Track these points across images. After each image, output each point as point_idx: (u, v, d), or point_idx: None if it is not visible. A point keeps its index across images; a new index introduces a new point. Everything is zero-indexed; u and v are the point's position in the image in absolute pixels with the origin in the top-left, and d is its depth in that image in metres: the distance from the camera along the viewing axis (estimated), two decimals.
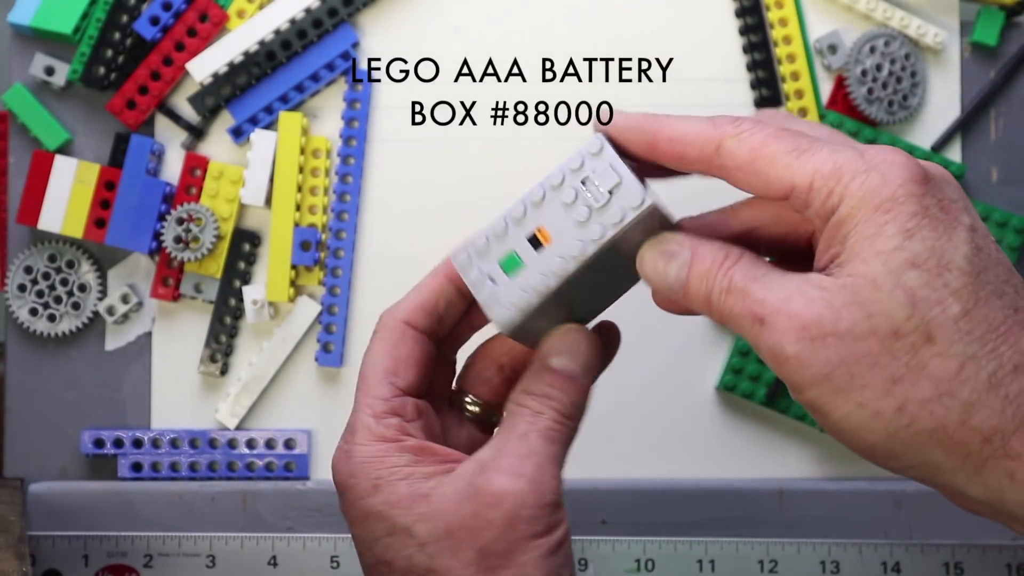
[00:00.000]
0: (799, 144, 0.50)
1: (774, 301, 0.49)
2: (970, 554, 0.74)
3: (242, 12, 0.76)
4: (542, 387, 0.54)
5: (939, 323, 0.47)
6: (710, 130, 0.52)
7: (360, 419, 0.55)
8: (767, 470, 0.77)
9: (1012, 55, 0.78)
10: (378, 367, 0.56)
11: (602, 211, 0.53)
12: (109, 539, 0.74)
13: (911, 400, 0.47)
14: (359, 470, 0.53)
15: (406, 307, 0.57)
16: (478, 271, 0.54)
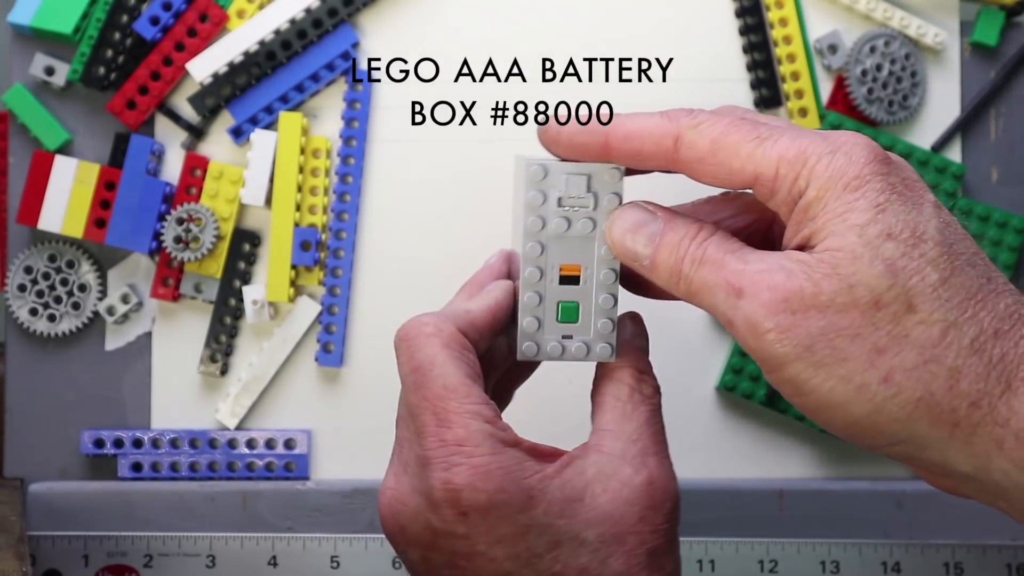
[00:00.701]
0: (760, 131, 0.50)
1: (752, 272, 0.49)
2: (970, 554, 0.73)
3: (242, 12, 0.76)
4: (644, 364, 0.56)
5: (919, 291, 0.47)
6: (666, 124, 0.52)
7: (475, 429, 0.50)
8: (767, 470, 0.77)
9: (1012, 55, 0.78)
10: (459, 372, 0.52)
11: (598, 209, 0.54)
12: (109, 539, 0.74)
13: (897, 369, 0.47)
14: (508, 482, 0.50)
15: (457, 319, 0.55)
16: (553, 345, 0.55)
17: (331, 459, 0.77)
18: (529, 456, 0.51)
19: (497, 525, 0.50)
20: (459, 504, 0.50)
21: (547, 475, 0.51)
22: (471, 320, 0.55)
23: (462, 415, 0.51)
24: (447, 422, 0.51)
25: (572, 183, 0.54)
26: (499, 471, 0.50)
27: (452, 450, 0.50)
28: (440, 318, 0.54)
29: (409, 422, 0.53)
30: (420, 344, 0.53)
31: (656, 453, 0.53)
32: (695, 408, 0.76)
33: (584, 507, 0.51)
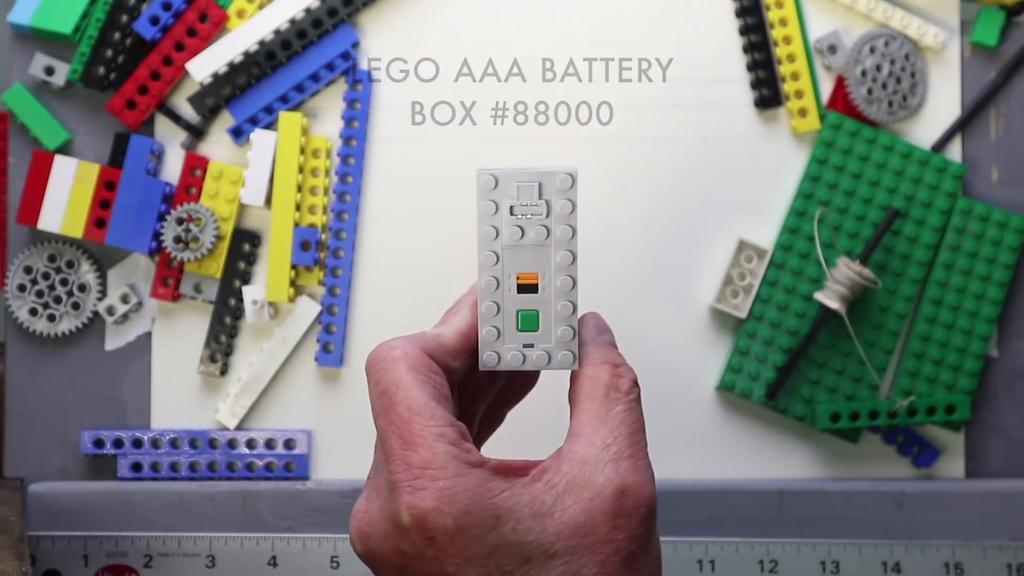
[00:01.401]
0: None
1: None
2: (970, 554, 0.74)
3: (242, 12, 0.76)
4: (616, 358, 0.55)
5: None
6: None
7: (441, 451, 0.51)
8: (767, 470, 0.77)
9: (1012, 55, 0.78)
10: (424, 395, 0.52)
11: (550, 215, 0.54)
12: (109, 539, 0.74)
13: None
14: (474, 504, 0.50)
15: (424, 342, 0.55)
16: (514, 354, 0.55)
17: (331, 459, 0.77)
18: (496, 475, 0.51)
19: (465, 547, 0.50)
20: (426, 528, 0.50)
21: (515, 492, 0.51)
22: (440, 343, 0.55)
23: (426, 437, 0.51)
24: (412, 445, 0.51)
25: (523, 191, 0.54)
26: (464, 493, 0.50)
27: (417, 473, 0.50)
28: (407, 342, 0.54)
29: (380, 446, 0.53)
30: (387, 368, 0.53)
31: (631, 456, 0.52)
32: (695, 408, 0.76)
33: (554, 521, 0.50)
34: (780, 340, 0.76)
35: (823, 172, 0.76)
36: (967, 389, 0.76)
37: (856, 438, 0.76)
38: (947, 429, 0.77)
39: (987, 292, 0.76)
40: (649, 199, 0.76)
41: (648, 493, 0.52)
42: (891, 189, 0.76)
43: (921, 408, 0.75)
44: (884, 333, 0.76)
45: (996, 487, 0.76)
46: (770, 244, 0.76)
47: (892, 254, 0.76)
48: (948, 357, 0.76)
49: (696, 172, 0.77)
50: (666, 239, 0.76)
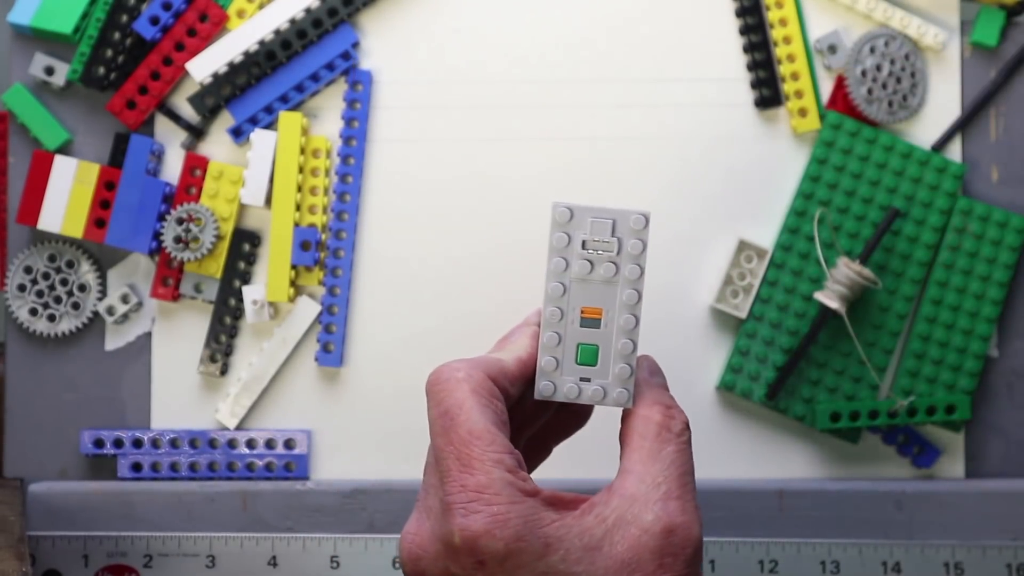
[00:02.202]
0: None
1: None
2: (970, 554, 0.74)
3: (242, 12, 0.76)
4: (669, 399, 0.56)
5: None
6: None
7: (497, 477, 0.51)
8: (767, 470, 0.77)
9: (1012, 55, 0.78)
10: (485, 419, 0.53)
11: (621, 253, 0.55)
12: (109, 539, 0.74)
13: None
14: (526, 531, 0.51)
15: (487, 366, 0.55)
16: (569, 386, 0.56)
17: (331, 459, 0.77)
18: (548, 506, 0.52)
19: (514, 572, 0.51)
20: (476, 551, 0.51)
21: (566, 523, 0.52)
22: (501, 368, 0.56)
23: (484, 462, 0.52)
24: (470, 468, 0.52)
25: (596, 227, 0.55)
26: (517, 519, 0.51)
27: (472, 496, 0.51)
28: (471, 365, 0.55)
29: (435, 467, 0.54)
30: (450, 389, 0.54)
31: (679, 496, 0.53)
32: (695, 408, 0.76)
33: (602, 555, 0.51)
34: (780, 340, 0.76)
35: (823, 172, 0.76)
36: (967, 389, 0.76)
37: (856, 438, 0.76)
38: (947, 429, 0.77)
39: (987, 292, 0.76)
40: (649, 199, 0.76)
41: (695, 534, 0.53)
42: (891, 189, 0.76)
43: (921, 408, 0.75)
44: (884, 333, 0.76)
45: (996, 487, 0.76)
46: (770, 244, 0.76)
47: (892, 254, 0.76)
48: (948, 357, 0.76)
49: (696, 172, 0.77)
50: (666, 239, 0.76)
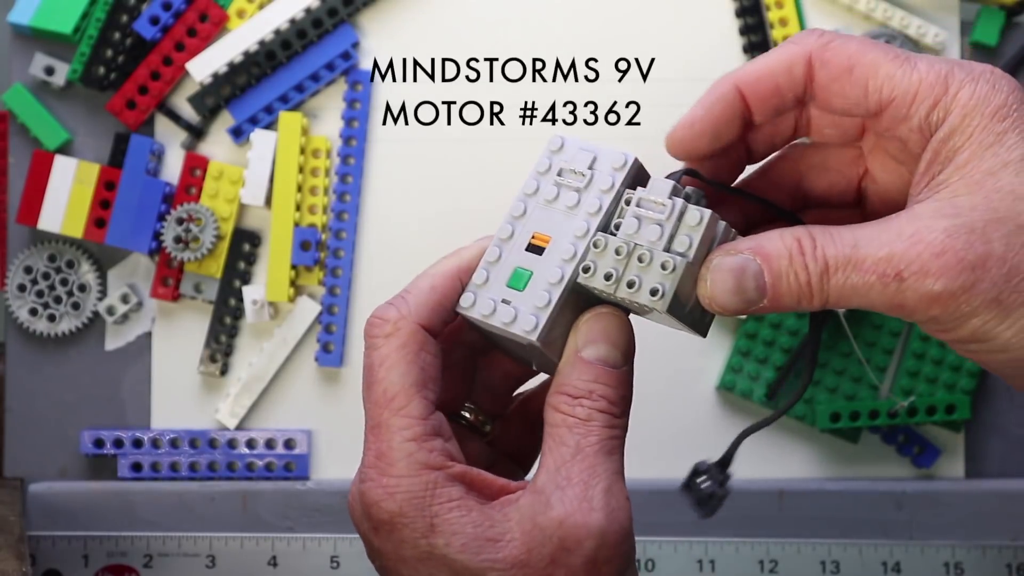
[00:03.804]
0: (898, 52, 0.48)
1: (902, 249, 0.45)
2: (970, 554, 0.74)
3: (242, 12, 0.76)
4: (584, 384, 0.48)
5: None
6: (794, 48, 0.49)
7: (396, 445, 0.48)
8: (767, 470, 0.77)
9: (1012, 55, 0.78)
10: (405, 380, 0.49)
11: (590, 186, 0.50)
12: (109, 539, 0.74)
13: None
14: (409, 507, 0.48)
15: (417, 310, 0.50)
16: (487, 301, 0.50)
17: (331, 459, 0.77)
18: (453, 483, 0.48)
19: (400, 546, 0.48)
20: (371, 517, 0.49)
21: (463, 507, 0.48)
22: (439, 299, 0.51)
23: (391, 428, 0.48)
24: (377, 432, 0.49)
25: (578, 157, 0.51)
26: (403, 494, 0.48)
27: (371, 462, 0.49)
28: (406, 308, 0.50)
29: None
30: (378, 343, 0.50)
31: (581, 483, 0.47)
32: (695, 408, 0.76)
33: (495, 548, 0.47)
34: (780, 340, 0.76)
35: None
36: (967, 389, 0.76)
37: (856, 438, 0.76)
38: (947, 429, 0.77)
39: None
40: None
41: (596, 524, 0.47)
42: None
43: (921, 408, 0.75)
44: (884, 333, 0.76)
45: (996, 487, 0.76)
46: None
47: None
48: (948, 357, 0.76)
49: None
50: None
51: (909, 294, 0.45)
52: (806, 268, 0.46)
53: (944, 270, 0.45)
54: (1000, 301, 0.45)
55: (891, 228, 0.46)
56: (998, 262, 0.45)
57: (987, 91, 0.46)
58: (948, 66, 0.47)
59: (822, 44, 0.48)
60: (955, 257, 0.45)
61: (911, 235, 0.45)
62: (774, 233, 0.47)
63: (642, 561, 0.74)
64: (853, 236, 0.46)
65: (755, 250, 0.47)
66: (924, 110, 0.47)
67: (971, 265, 0.45)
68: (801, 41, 0.49)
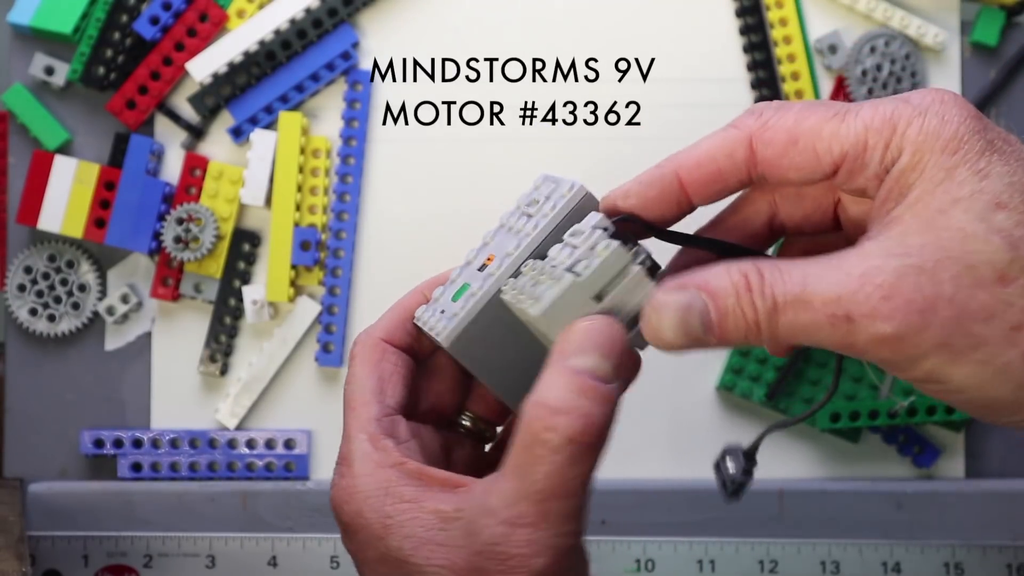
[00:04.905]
0: (836, 109, 0.47)
1: (851, 290, 0.44)
2: (970, 554, 0.74)
3: (242, 12, 0.76)
4: (563, 396, 0.45)
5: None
6: (734, 132, 0.48)
7: (355, 447, 0.49)
8: (767, 470, 0.77)
9: (1012, 55, 0.78)
10: (364, 388, 0.51)
11: (537, 212, 0.51)
12: (109, 539, 0.74)
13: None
14: (366, 507, 0.48)
15: (382, 325, 0.52)
16: (431, 313, 0.51)
17: (331, 459, 0.76)
18: (410, 481, 0.48)
19: (363, 546, 0.49)
20: (338, 520, 0.50)
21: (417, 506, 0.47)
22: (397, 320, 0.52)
23: (352, 429, 0.50)
24: (344, 435, 0.50)
25: (543, 188, 0.52)
26: (360, 495, 0.48)
27: (336, 466, 0.50)
28: (377, 325, 0.52)
29: None
30: (354, 352, 0.52)
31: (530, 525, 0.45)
32: (695, 408, 0.76)
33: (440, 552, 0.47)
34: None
35: None
36: None
37: (856, 438, 0.76)
38: (947, 429, 0.77)
39: None
40: None
41: (536, 569, 0.45)
42: None
43: (921, 408, 0.75)
44: None
45: (996, 487, 0.76)
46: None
47: None
48: None
49: None
50: None
51: (859, 336, 0.44)
52: (754, 306, 0.45)
53: (893, 313, 0.44)
54: (949, 345, 0.44)
55: (841, 267, 0.45)
56: (947, 305, 0.44)
57: (936, 124, 0.45)
58: (893, 105, 0.46)
59: (761, 124, 0.48)
60: (904, 300, 0.44)
61: (860, 275, 0.44)
62: (721, 268, 0.46)
63: (642, 561, 0.74)
64: (803, 274, 0.45)
65: (701, 286, 0.46)
66: (877, 156, 0.46)
67: (920, 308, 0.44)
68: (740, 124, 0.48)
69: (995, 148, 0.45)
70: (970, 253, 0.44)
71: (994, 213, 0.44)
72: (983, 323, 0.44)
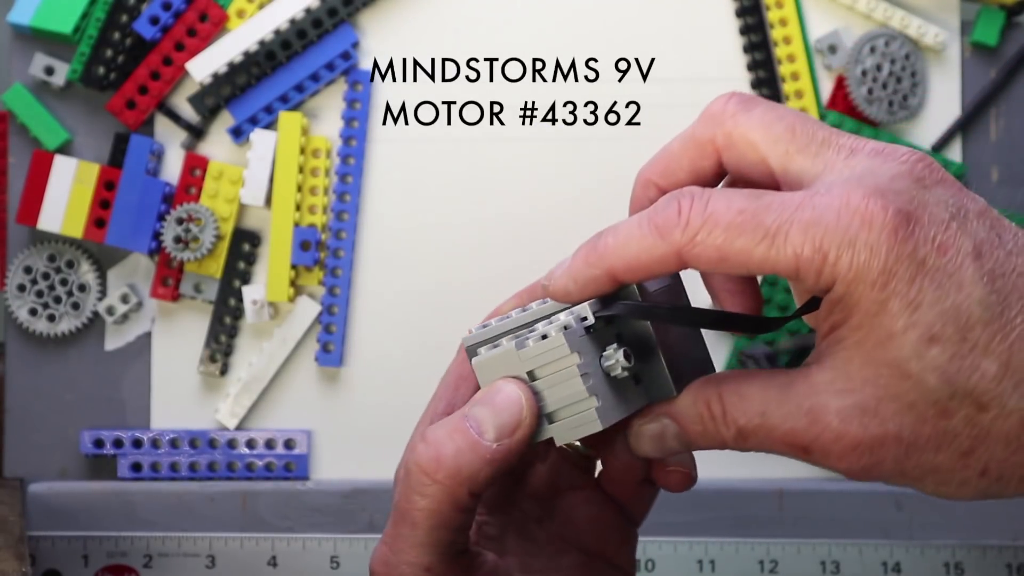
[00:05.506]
0: (766, 228, 0.45)
1: (803, 427, 0.46)
2: (970, 554, 0.74)
3: (242, 12, 0.76)
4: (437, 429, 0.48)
5: (983, 389, 0.44)
6: (661, 247, 0.47)
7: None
8: (767, 470, 0.77)
9: (1012, 55, 0.78)
10: (445, 384, 0.52)
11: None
12: (109, 539, 0.74)
13: (991, 462, 0.45)
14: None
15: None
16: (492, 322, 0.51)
17: (331, 459, 0.77)
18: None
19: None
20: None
21: None
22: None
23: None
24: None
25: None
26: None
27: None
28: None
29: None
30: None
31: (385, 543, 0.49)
32: None
33: None
34: (780, 340, 0.76)
35: None
36: None
37: None
38: None
39: None
40: None
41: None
42: None
43: None
44: None
45: None
46: None
47: None
48: None
49: None
50: None
51: (821, 462, 0.46)
52: (719, 434, 0.48)
53: (844, 453, 0.45)
54: (905, 473, 0.46)
55: (792, 399, 0.46)
56: (894, 442, 0.45)
57: (865, 258, 0.44)
58: (823, 229, 0.44)
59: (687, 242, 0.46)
60: (852, 442, 0.45)
61: (808, 412, 0.46)
62: (687, 395, 0.48)
63: (642, 561, 0.74)
64: (763, 402, 0.47)
65: (671, 415, 0.49)
66: (810, 281, 0.45)
67: (869, 448, 0.45)
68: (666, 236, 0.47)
69: (926, 269, 0.44)
70: (908, 391, 0.44)
71: (928, 348, 0.44)
72: (933, 453, 0.45)
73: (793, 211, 0.45)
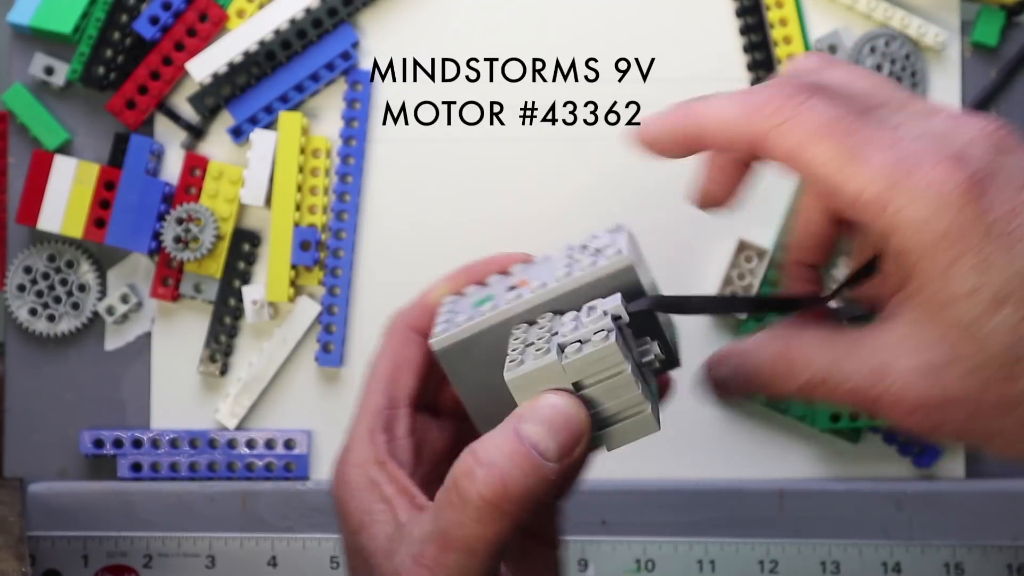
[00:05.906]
0: (849, 147, 0.45)
1: (867, 386, 0.46)
2: (970, 554, 0.74)
3: (242, 12, 0.76)
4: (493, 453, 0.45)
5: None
6: (754, 123, 0.47)
7: (355, 435, 0.51)
8: (767, 470, 0.77)
9: (1013, 55, 0.78)
10: (377, 375, 0.52)
11: (578, 262, 0.51)
12: (109, 539, 0.74)
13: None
14: (350, 502, 0.49)
15: (410, 309, 0.54)
16: (449, 308, 0.52)
17: (331, 459, 0.76)
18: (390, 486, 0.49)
19: (344, 533, 0.50)
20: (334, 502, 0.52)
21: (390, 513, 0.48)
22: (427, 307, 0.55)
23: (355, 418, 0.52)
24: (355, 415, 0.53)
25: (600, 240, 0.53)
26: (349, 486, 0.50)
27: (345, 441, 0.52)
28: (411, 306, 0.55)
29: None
30: (384, 334, 0.55)
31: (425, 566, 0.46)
32: (695, 408, 0.76)
33: (389, 561, 0.47)
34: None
35: None
36: None
37: (856, 438, 0.76)
38: None
39: None
40: (648, 199, 0.76)
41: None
42: None
43: None
44: None
45: (996, 487, 0.76)
46: (770, 244, 0.76)
47: None
48: None
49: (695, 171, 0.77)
50: (665, 239, 0.76)
51: (885, 416, 0.46)
52: (789, 385, 0.48)
53: (909, 412, 0.45)
54: (968, 433, 0.46)
55: (860, 356, 0.46)
56: (959, 404, 0.45)
57: (927, 216, 0.43)
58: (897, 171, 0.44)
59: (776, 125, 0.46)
60: (917, 401, 0.45)
61: (875, 369, 0.46)
62: (762, 344, 0.50)
63: (642, 561, 0.74)
64: (828, 359, 0.47)
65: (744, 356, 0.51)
66: (868, 218, 0.45)
67: (934, 408, 0.45)
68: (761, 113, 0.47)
69: (994, 234, 0.43)
70: (975, 354, 0.44)
71: (996, 311, 0.43)
72: (998, 418, 0.45)
73: (879, 144, 0.45)
